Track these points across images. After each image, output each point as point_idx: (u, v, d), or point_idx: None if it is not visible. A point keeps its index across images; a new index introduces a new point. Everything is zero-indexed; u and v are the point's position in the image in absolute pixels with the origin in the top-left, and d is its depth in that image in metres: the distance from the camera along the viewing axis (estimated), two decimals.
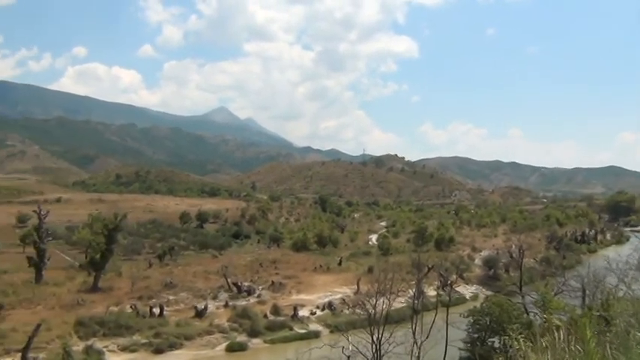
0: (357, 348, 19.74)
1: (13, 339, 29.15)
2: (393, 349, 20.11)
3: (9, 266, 54.52)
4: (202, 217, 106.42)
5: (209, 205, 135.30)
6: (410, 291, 30.00)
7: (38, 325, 28.23)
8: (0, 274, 50.06)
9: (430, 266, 45.20)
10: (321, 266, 59.75)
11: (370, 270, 52.71)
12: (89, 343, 30.13)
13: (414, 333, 20.81)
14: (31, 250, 53.91)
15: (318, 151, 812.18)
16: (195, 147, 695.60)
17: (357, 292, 44.28)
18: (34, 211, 53.16)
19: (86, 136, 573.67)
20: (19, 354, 26.75)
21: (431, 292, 45.51)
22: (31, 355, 26.85)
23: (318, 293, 46.81)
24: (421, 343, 20.37)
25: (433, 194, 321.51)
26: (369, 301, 22.16)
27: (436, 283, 47.31)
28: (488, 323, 27.47)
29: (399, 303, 34.36)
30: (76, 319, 33.17)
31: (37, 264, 47.14)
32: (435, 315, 25.32)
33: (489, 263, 60.69)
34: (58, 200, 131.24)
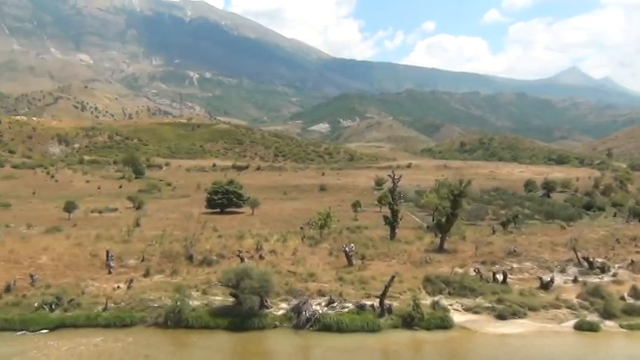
0: None
1: (372, 286, 33.15)
2: None
3: (368, 223, 62.70)
4: (549, 186, 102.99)
5: (556, 173, 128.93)
6: None
7: (392, 277, 31.37)
8: (362, 229, 57.84)
9: None
10: None
11: None
12: (436, 299, 31.90)
13: None
14: (386, 210, 60.55)
15: None
16: (541, 112, 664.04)
17: None
18: (389, 176, 58.16)
19: (432, 106, 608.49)
20: (377, 299, 30.31)
21: None
22: (386, 301, 30.12)
23: None
24: None
25: None
26: None
27: None
28: None
29: None
30: (425, 276, 35.56)
31: (391, 223, 52.22)
32: None
33: None
34: (409, 166, 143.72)
